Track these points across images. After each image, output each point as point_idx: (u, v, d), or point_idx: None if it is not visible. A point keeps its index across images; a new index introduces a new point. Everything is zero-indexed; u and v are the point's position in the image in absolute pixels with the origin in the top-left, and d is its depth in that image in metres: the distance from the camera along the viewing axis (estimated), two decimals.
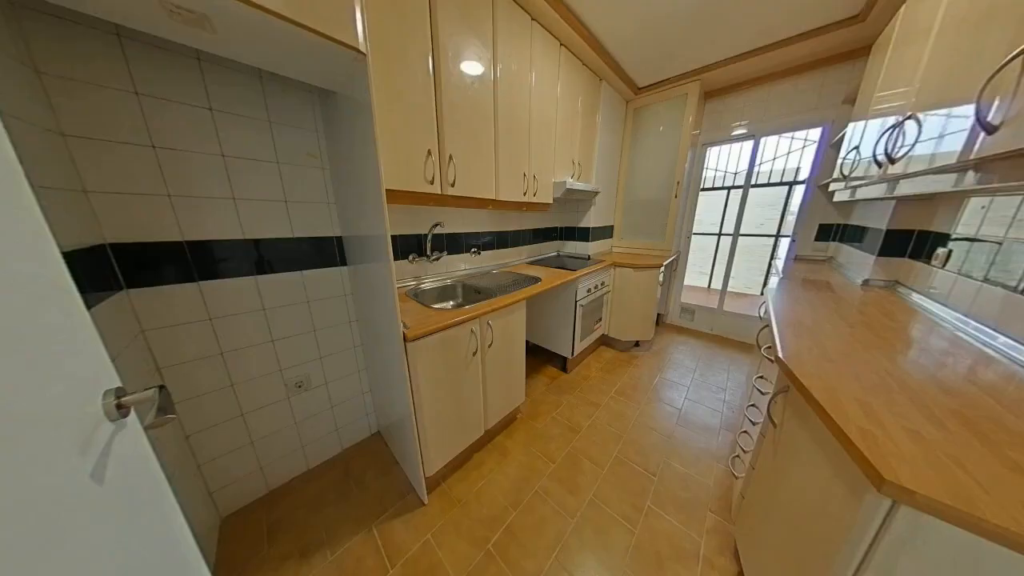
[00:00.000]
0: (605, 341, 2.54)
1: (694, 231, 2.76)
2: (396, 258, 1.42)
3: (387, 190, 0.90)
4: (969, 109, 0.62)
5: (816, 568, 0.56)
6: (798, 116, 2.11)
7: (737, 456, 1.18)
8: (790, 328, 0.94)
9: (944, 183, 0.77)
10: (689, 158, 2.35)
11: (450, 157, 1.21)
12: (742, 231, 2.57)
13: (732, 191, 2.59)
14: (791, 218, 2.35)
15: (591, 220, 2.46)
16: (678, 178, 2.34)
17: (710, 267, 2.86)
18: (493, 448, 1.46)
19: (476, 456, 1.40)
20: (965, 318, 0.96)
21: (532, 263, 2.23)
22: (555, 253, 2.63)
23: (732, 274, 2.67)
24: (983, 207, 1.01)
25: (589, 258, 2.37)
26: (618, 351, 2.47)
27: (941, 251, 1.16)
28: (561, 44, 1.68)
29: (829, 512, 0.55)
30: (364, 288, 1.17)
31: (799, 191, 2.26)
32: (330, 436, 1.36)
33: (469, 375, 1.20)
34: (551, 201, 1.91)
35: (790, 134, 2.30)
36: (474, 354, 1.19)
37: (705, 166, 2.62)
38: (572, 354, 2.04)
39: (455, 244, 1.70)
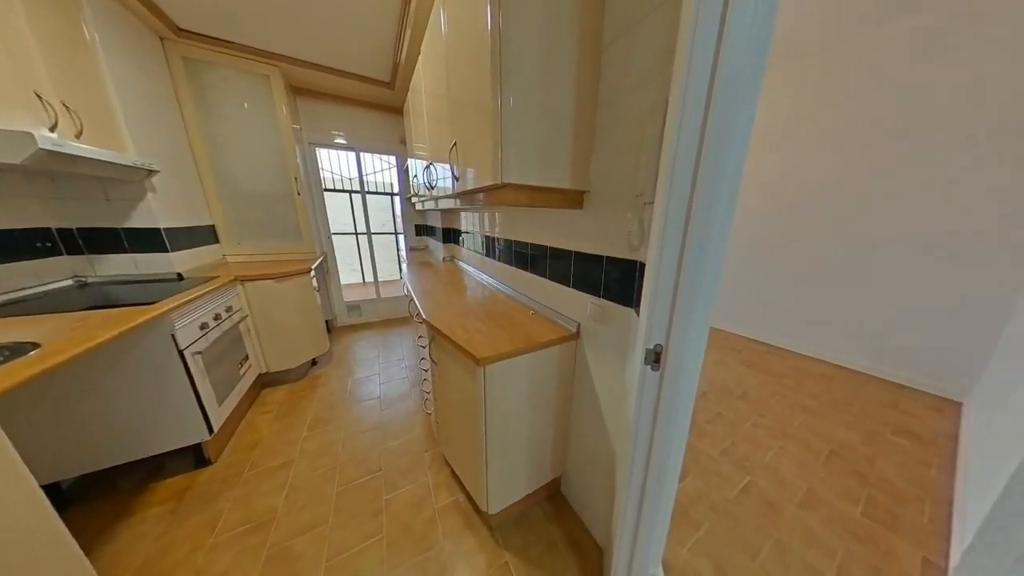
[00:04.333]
0: (266, 381, 1.97)
1: (333, 232, 2.84)
2: None
3: None
4: (448, 166, 1.21)
5: (472, 426, 0.96)
6: (380, 143, 2.79)
7: (427, 399, 1.57)
8: (423, 296, 1.37)
9: (451, 204, 1.48)
10: (299, 153, 2.31)
11: None
12: (373, 231, 3.07)
13: (354, 195, 2.93)
14: (400, 220, 3.21)
15: (160, 217, 1.61)
16: (295, 174, 2.23)
17: (358, 263, 3.14)
18: None
19: None
20: (474, 270, 1.96)
21: None
22: (69, 280, 1.42)
23: (378, 266, 3.16)
24: (466, 216, 2.07)
25: (181, 277, 1.56)
26: (292, 382, 2.05)
27: (462, 238, 2.23)
28: None
29: (467, 394, 0.95)
30: None
31: (398, 200, 3.12)
32: None
33: None
34: None
35: (381, 156, 3.00)
36: None
37: (320, 167, 2.69)
38: (213, 431, 1.35)
39: None
